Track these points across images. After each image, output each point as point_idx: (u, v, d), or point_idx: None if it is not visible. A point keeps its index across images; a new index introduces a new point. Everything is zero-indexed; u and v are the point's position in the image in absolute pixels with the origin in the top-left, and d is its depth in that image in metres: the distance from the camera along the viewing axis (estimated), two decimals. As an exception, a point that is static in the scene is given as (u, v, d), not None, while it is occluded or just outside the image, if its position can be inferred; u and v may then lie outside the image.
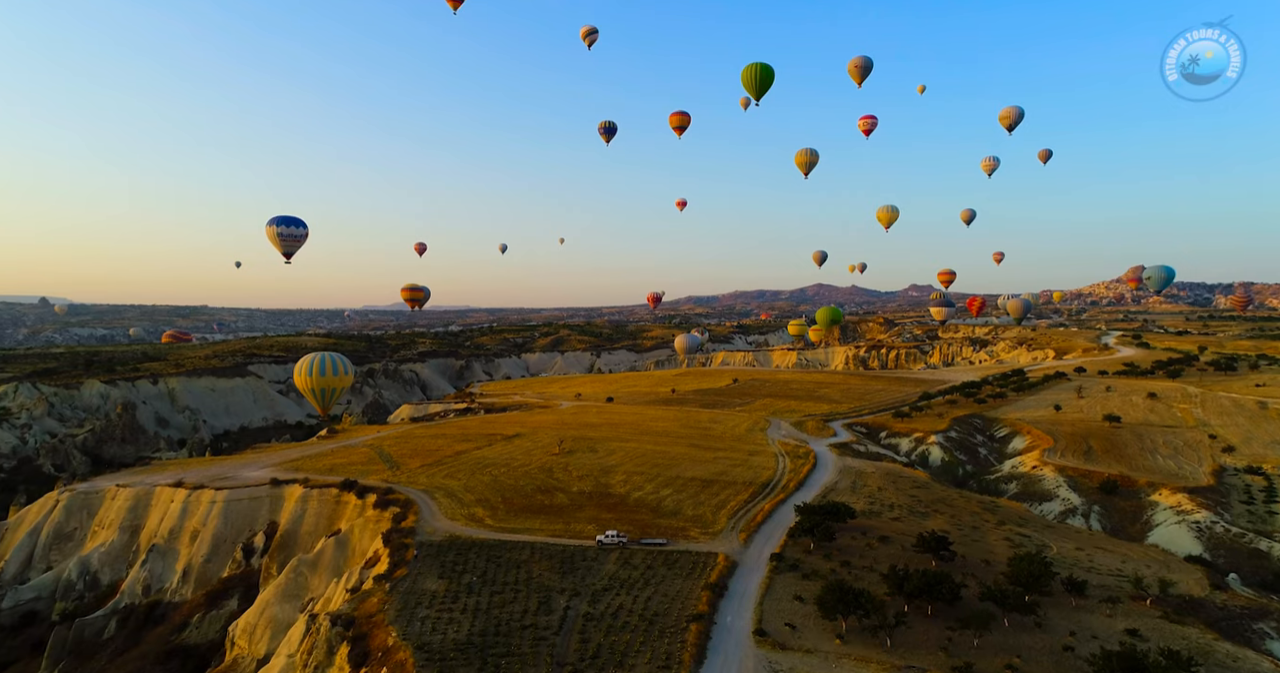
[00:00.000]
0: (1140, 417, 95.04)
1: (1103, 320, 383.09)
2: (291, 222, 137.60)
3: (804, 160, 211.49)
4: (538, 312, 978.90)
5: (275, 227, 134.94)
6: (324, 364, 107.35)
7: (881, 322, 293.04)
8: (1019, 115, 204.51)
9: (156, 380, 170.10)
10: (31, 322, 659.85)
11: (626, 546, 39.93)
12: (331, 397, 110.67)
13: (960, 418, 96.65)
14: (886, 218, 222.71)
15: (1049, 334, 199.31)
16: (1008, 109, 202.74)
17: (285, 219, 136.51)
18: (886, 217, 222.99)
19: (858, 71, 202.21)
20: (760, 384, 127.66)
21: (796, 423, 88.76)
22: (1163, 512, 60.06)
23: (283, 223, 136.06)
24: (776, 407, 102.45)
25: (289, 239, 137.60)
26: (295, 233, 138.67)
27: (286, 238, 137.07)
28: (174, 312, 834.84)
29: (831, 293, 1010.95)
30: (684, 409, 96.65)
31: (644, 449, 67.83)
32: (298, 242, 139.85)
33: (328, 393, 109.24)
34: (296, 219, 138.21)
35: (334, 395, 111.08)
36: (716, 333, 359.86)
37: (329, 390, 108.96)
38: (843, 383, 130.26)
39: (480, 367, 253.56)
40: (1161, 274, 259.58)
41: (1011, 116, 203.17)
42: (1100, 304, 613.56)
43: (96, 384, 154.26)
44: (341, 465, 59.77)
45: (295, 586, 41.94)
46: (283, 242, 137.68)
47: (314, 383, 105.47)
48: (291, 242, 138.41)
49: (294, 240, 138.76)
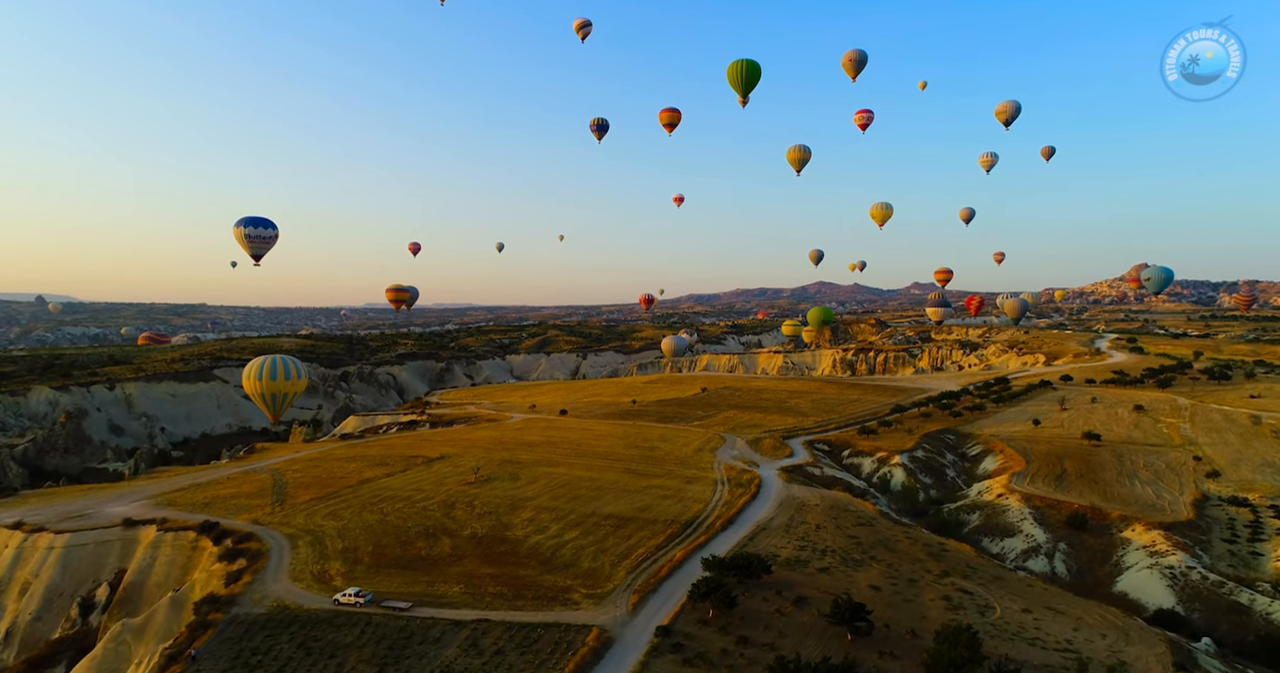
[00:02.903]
0: (1123, 433, 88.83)
1: (1103, 320, 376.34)
2: (260, 223, 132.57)
3: (795, 157, 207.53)
4: (537, 309, 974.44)
5: (243, 228, 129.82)
6: (274, 368, 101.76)
7: (873, 323, 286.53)
8: (1016, 110, 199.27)
9: (113, 386, 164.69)
10: (26, 320, 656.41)
11: (372, 606, 35.06)
12: (283, 402, 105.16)
13: (932, 434, 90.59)
14: (881, 215, 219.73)
15: (1041, 337, 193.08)
16: (1004, 103, 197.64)
17: (254, 220, 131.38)
18: (881, 214, 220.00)
19: (852, 65, 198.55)
20: (730, 394, 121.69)
21: (753, 440, 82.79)
22: (1134, 552, 53.93)
23: (251, 224, 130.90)
24: (739, 421, 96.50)
25: (257, 241, 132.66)
26: (264, 234, 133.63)
27: (255, 239, 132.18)
28: (171, 310, 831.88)
29: (833, 291, 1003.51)
30: (637, 424, 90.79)
31: (571, 477, 62.06)
32: (267, 243, 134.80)
33: (279, 398, 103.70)
34: (265, 220, 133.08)
35: (286, 401, 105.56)
36: (709, 333, 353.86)
37: (280, 396, 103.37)
38: (817, 392, 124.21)
39: (461, 369, 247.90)
40: (1160, 275, 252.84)
41: (1008, 111, 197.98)
42: (1103, 303, 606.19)
43: (45, 391, 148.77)
44: (223, 499, 54.07)
45: (115, 659, 36.21)
46: (251, 243, 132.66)
47: (263, 388, 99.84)
48: (260, 243, 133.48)
49: (263, 242, 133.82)
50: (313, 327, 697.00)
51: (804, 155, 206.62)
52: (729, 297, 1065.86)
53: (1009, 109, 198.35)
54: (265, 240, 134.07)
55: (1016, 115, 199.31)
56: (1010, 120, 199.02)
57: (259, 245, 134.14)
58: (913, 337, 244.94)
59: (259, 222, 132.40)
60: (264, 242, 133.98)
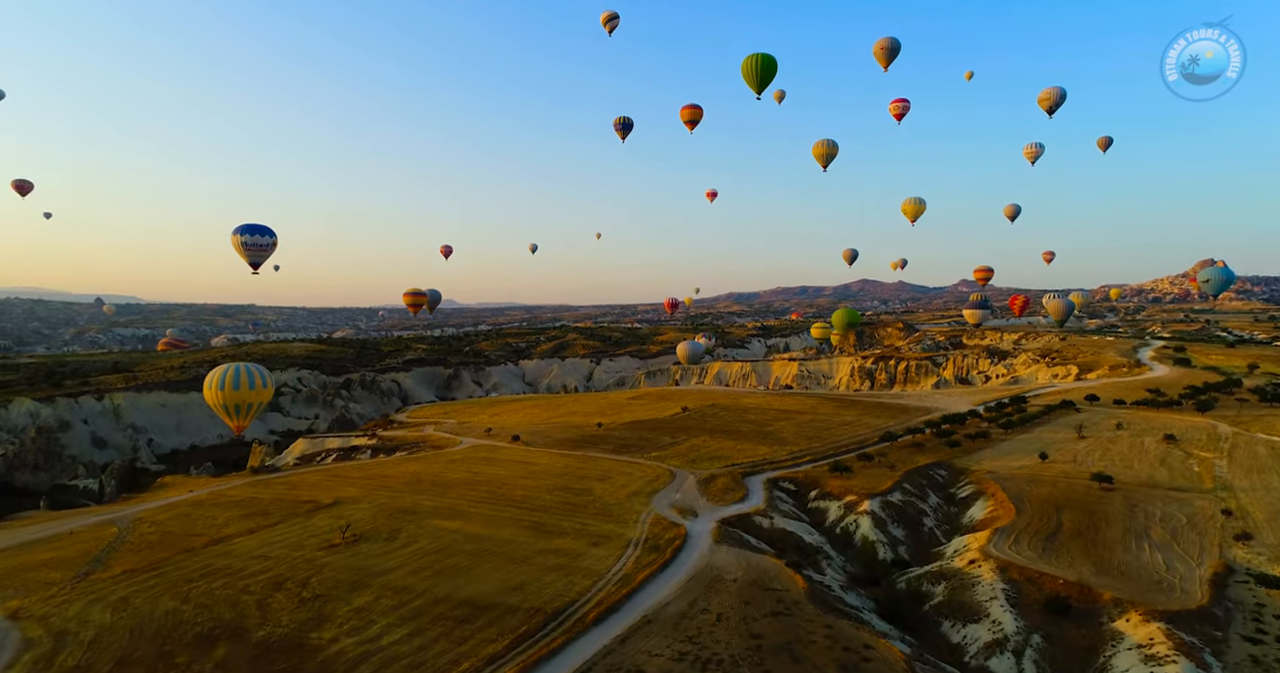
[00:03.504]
0: (1144, 472, 76.28)
1: (1159, 320, 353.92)
2: (257, 230, 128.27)
3: (822, 152, 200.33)
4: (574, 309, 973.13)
5: (240, 235, 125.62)
6: (237, 376, 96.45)
7: (900, 327, 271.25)
8: (1060, 97, 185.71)
9: (102, 396, 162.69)
10: (83, 321, 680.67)
11: None
12: (248, 412, 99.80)
13: (919, 470, 79.41)
14: (913, 210, 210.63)
15: (1077, 346, 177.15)
16: (1048, 90, 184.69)
17: (251, 227, 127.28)
18: (913, 209, 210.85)
19: (884, 54, 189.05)
20: (713, 414, 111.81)
21: (707, 479, 73.10)
22: (1125, 654, 42.85)
23: (247, 231, 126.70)
24: (704, 450, 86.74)
25: (254, 248, 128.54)
26: (261, 242, 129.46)
27: (251, 247, 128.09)
28: (220, 311, 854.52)
29: (876, 289, 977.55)
30: (585, 457, 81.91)
31: (461, 535, 53.61)
32: (264, 251, 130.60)
33: (242, 409, 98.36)
34: (264, 227, 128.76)
35: (251, 411, 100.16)
36: (734, 336, 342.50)
37: (244, 406, 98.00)
38: (809, 412, 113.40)
39: (469, 376, 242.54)
40: (1219, 277, 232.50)
41: (1052, 98, 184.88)
42: (1163, 301, 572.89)
43: (27, 402, 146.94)
44: (29, 568, 47.06)
45: None
46: (248, 251, 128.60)
47: (225, 398, 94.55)
48: (257, 251, 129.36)
49: (260, 249, 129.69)
50: (351, 327, 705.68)
51: (830, 150, 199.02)
52: (769, 295, 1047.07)
53: (1053, 96, 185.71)
54: (262, 248, 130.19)
55: (1061, 102, 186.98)
56: (1054, 107, 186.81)
57: (256, 253, 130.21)
58: (942, 342, 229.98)
59: (256, 229, 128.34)
60: (261, 249, 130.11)
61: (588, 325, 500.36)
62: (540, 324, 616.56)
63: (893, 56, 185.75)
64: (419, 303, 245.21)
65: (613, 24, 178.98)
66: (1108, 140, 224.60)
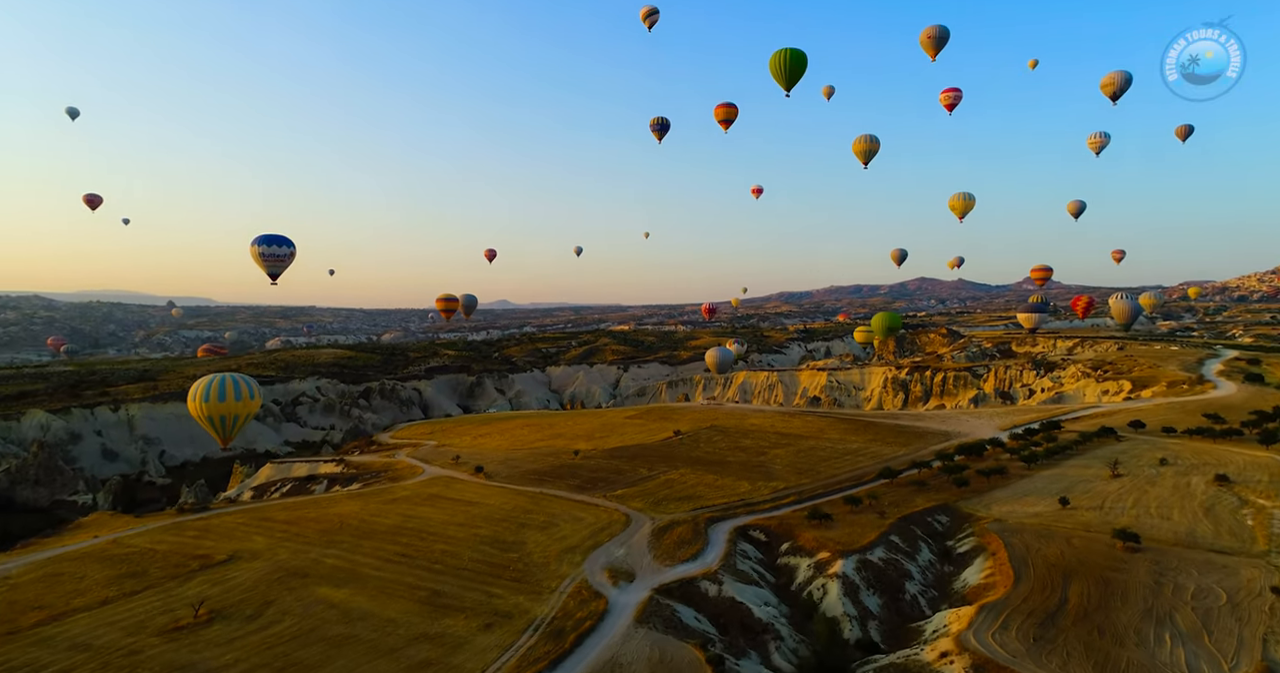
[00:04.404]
0: (1184, 525, 64.56)
1: (1242, 322, 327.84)
2: (275, 240, 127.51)
3: (862, 148, 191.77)
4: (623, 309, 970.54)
5: (259, 246, 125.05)
6: (223, 387, 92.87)
7: (944, 332, 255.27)
8: (1125, 82, 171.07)
9: (118, 407, 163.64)
10: (154, 323, 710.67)
11: None
12: (234, 425, 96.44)
13: (914, 517, 69.34)
14: (961, 206, 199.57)
15: (1136, 356, 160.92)
16: (1112, 75, 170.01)
17: (270, 238, 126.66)
18: (961, 205, 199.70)
19: (931, 43, 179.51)
20: (706, 438, 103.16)
21: (665, 527, 64.85)
22: None
23: (266, 242, 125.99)
24: (678, 488, 78.34)
25: (272, 259, 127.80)
26: (279, 252, 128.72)
27: (270, 258, 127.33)
28: (281, 313, 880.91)
29: (934, 287, 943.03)
30: (540, 495, 74.62)
31: (340, 610, 46.91)
32: (282, 262, 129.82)
33: (228, 421, 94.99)
34: (283, 238, 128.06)
35: (237, 424, 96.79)
36: (772, 340, 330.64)
37: (229, 418, 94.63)
38: (814, 437, 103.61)
39: (492, 383, 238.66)
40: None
41: (1116, 83, 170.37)
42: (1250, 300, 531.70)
43: (39, 414, 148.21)
44: None
45: None
46: (266, 262, 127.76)
47: (209, 410, 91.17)
48: (275, 262, 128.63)
49: (278, 260, 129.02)
50: (401, 329, 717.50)
51: (871, 146, 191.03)
52: (821, 294, 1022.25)
53: (1117, 81, 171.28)
54: (280, 259, 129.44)
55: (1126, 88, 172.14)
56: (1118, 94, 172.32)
57: (274, 264, 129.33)
58: (989, 349, 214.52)
59: (275, 239, 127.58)
60: (279, 260, 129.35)
61: (628, 328, 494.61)
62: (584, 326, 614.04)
63: (940, 45, 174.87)
64: (451, 308, 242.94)
65: (652, 19, 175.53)
66: (1188, 129, 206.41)
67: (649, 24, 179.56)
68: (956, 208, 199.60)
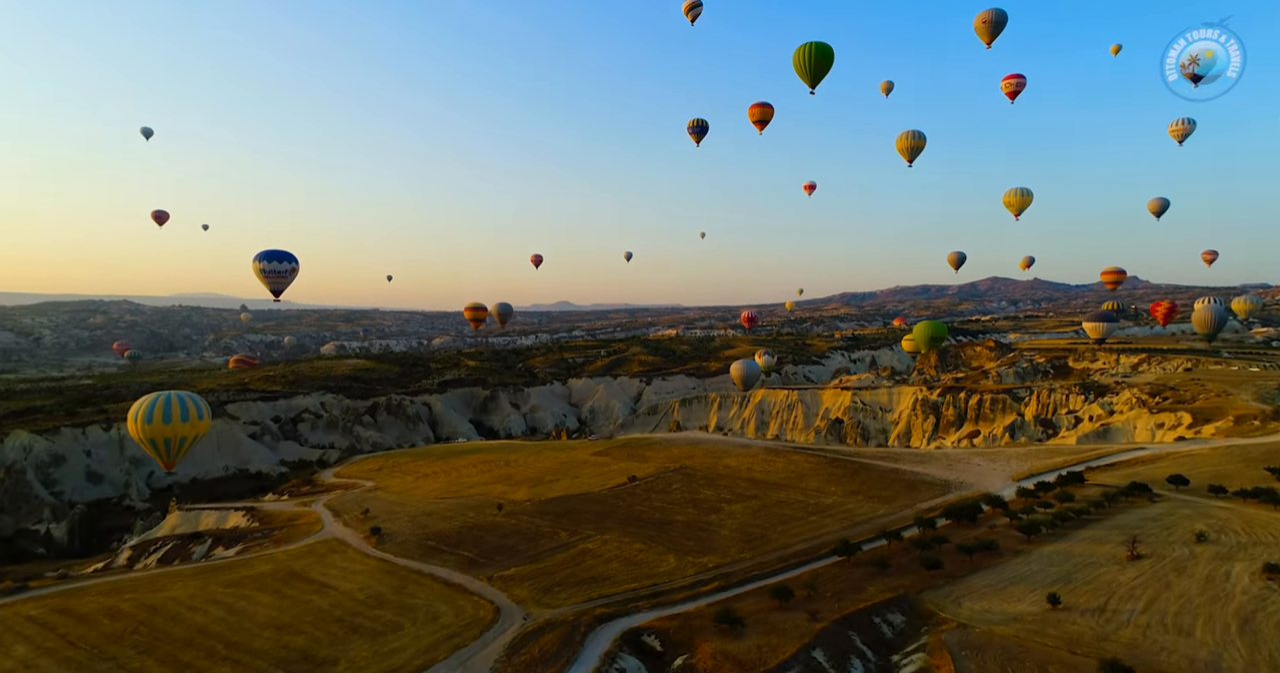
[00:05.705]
0: (1209, 646, 48.28)
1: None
2: (277, 256, 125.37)
3: (906, 145, 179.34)
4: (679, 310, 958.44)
5: (260, 262, 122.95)
6: (167, 407, 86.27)
7: (992, 346, 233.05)
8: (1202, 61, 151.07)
9: (109, 425, 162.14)
10: (228, 326, 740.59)
11: None
12: (180, 449, 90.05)
13: (856, 617, 55.10)
14: (1017, 203, 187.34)
15: (1204, 379, 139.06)
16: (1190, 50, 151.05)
17: (272, 254, 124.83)
18: (1017, 201, 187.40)
19: (986, 28, 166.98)
20: (662, 487, 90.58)
21: (533, 632, 52.62)
22: None
23: (267, 258, 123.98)
24: (589, 563, 66.05)
25: (274, 275, 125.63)
26: (280, 268, 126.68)
27: (271, 274, 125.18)
28: (345, 316, 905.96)
29: (1007, 287, 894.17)
30: (418, 574, 63.30)
31: None
32: (284, 277, 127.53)
33: (173, 444, 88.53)
34: (285, 253, 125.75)
35: (184, 446, 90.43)
36: (814, 349, 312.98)
37: (175, 440, 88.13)
38: (789, 486, 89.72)
39: (507, 397, 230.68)
40: None
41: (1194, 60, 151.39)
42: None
43: (23, 435, 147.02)
44: None
45: None
46: (268, 278, 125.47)
47: (150, 431, 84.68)
48: (277, 278, 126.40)
49: (280, 276, 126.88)
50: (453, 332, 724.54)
51: (916, 143, 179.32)
52: (885, 295, 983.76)
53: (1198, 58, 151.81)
54: (282, 275, 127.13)
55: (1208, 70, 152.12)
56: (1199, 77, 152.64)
57: (276, 280, 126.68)
58: (1042, 364, 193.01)
59: (277, 255, 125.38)
60: (281, 276, 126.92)
61: (674, 332, 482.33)
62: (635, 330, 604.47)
63: (998, 31, 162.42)
64: (480, 317, 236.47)
65: (695, 12, 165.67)
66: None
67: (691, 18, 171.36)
68: (1012, 204, 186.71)
